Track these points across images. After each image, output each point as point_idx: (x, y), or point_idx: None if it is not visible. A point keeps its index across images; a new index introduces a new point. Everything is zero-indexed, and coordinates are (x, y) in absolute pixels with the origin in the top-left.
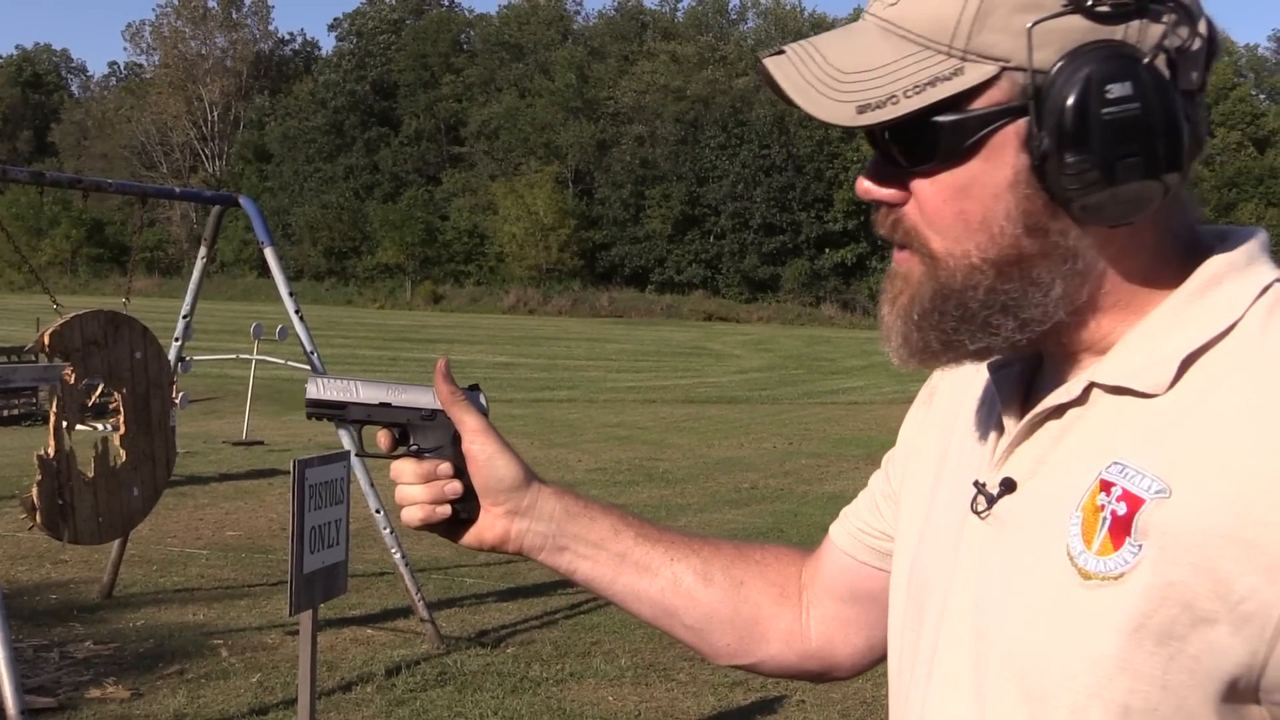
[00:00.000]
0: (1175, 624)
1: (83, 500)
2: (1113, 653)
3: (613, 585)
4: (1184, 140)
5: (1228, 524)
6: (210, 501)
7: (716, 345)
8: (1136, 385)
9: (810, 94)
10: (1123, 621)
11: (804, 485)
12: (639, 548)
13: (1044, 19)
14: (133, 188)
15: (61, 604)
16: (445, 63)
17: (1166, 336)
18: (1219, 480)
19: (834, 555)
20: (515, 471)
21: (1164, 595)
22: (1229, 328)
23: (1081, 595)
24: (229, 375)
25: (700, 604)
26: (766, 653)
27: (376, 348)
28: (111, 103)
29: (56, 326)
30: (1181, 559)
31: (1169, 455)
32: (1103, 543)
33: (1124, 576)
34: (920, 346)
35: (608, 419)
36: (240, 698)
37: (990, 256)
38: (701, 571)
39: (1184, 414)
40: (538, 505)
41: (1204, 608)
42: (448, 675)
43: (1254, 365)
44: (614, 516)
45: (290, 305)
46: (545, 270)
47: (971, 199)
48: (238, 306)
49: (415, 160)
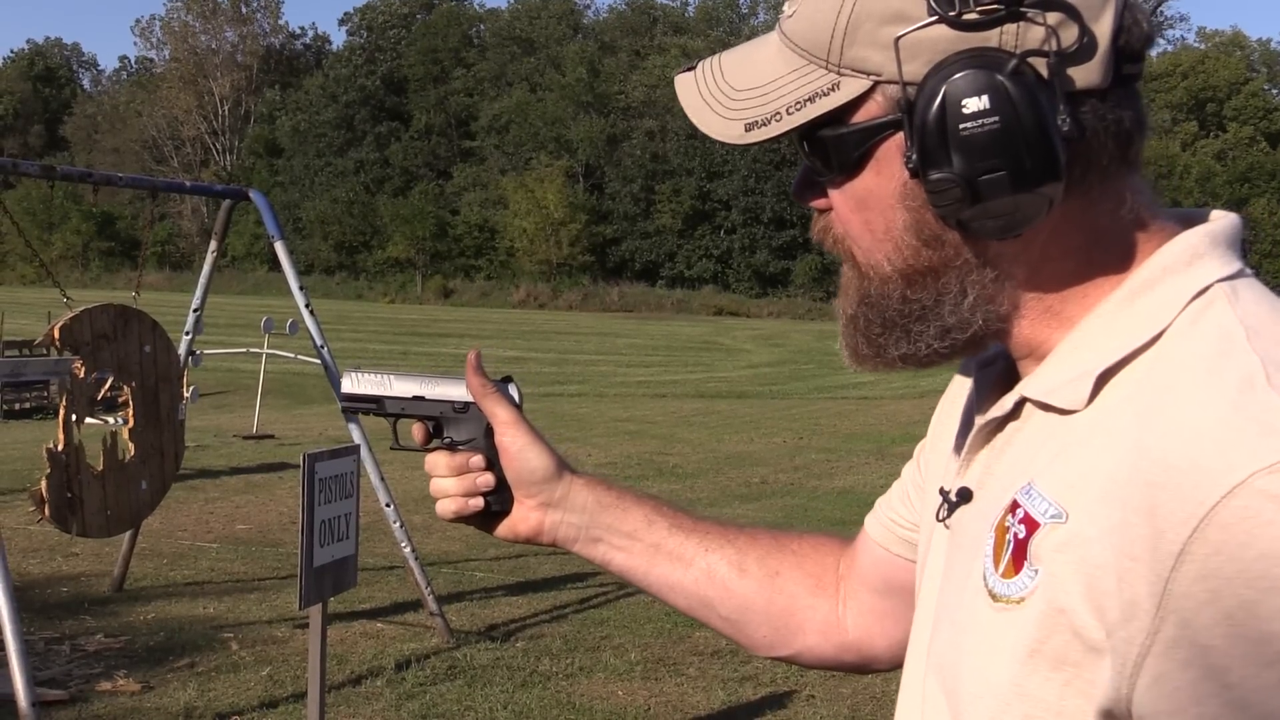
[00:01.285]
0: (1069, 650)
1: (91, 493)
2: (1007, 679)
3: (647, 576)
4: (1057, 149)
5: (1105, 556)
6: (220, 495)
7: (727, 340)
8: (1055, 401)
9: (704, 113)
10: (1019, 647)
11: (814, 480)
12: (673, 538)
13: (910, 31)
14: (143, 182)
15: (72, 597)
16: (456, 57)
17: (1090, 348)
18: (1104, 508)
19: (868, 546)
20: (547, 463)
21: (1055, 622)
22: (1154, 338)
23: (990, 617)
24: (239, 369)
25: (735, 595)
26: (804, 644)
27: (387, 342)
28: (122, 97)
29: (66, 320)
30: (1070, 586)
31: (1069, 478)
32: (1006, 565)
33: (1024, 601)
34: (853, 349)
35: (618, 413)
36: (250, 691)
37: (899, 266)
38: (736, 562)
39: (1090, 434)
40: (570, 496)
41: (1090, 637)
42: (457, 669)
43: (1153, 385)
44: (648, 507)
45: (301, 299)
46: (555, 265)
47: (871, 210)
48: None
49: (426, 155)
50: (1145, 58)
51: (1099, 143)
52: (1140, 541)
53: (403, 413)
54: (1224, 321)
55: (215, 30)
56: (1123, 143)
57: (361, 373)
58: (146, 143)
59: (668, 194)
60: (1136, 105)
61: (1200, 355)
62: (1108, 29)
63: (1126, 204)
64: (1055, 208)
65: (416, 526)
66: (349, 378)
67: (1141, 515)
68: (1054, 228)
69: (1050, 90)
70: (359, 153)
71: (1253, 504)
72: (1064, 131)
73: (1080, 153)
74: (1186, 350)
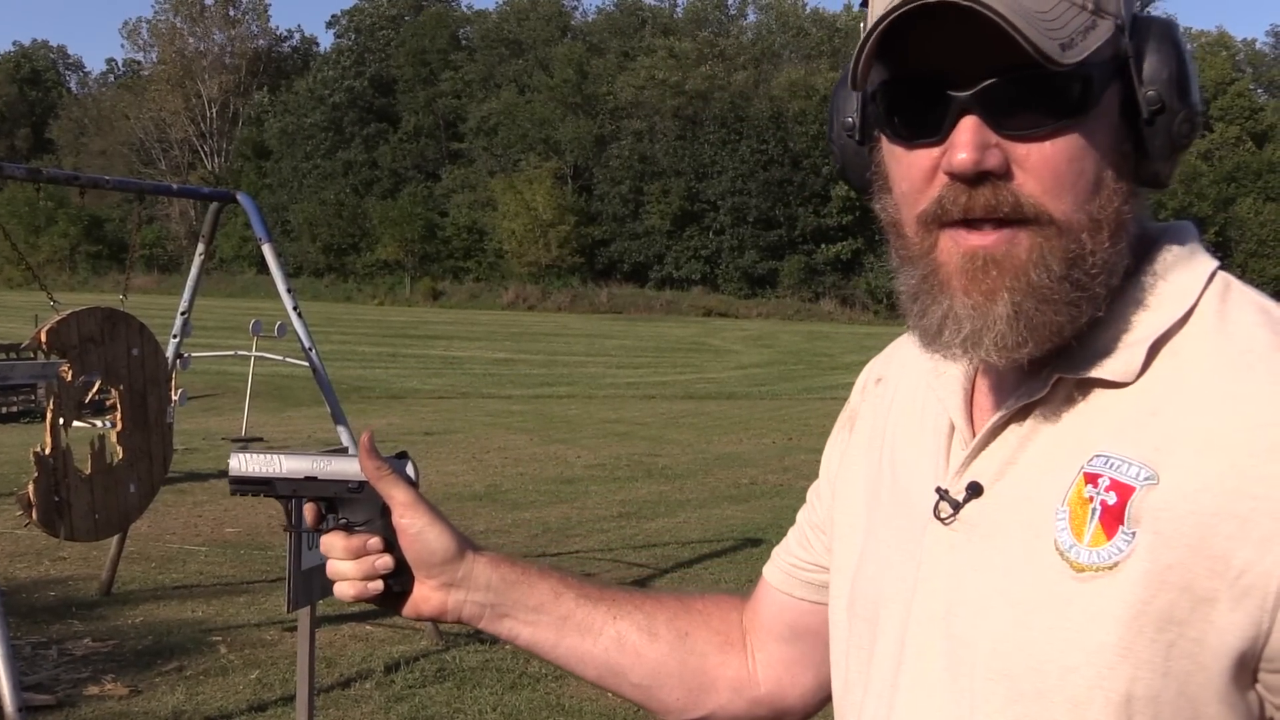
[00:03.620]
0: (1175, 608)
1: (79, 497)
2: (1112, 642)
3: (556, 649)
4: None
5: (1218, 502)
6: (209, 498)
7: (716, 341)
8: (1106, 374)
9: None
10: (1121, 610)
11: (803, 481)
12: (581, 609)
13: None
14: (130, 185)
15: (60, 601)
16: (444, 59)
17: (1129, 324)
18: (1205, 461)
19: (770, 595)
20: (447, 544)
21: (1162, 580)
22: (1186, 313)
23: (1075, 589)
24: (228, 372)
25: (646, 660)
26: (716, 703)
27: (375, 344)
28: (109, 100)
29: (54, 323)
30: (1176, 542)
31: (1152, 441)
32: (1094, 534)
33: (1119, 565)
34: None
35: (607, 415)
36: (239, 694)
37: (1103, 218)
38: (646, 627)
39: (1161, 400)
40: (473, 575)
41: (1203, 587)
42: (446, 671)
43: (1221, 350)
44: (553, 579)
45: (289, 302)
46: (544, 266)
47: (1089, 159)
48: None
49: (414, 156)
50: None
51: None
52: (1267, 480)
53: (295, 494)
54: (1252, 299)
55: (203, 33)
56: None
57: (250, 453)
58: (134, 145)
59: (656, 195)
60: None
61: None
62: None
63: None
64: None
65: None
66: (237, 459)
67: (1260, 457)
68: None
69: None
70: (347, 155)
71: None
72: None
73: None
74: (1237, 320)
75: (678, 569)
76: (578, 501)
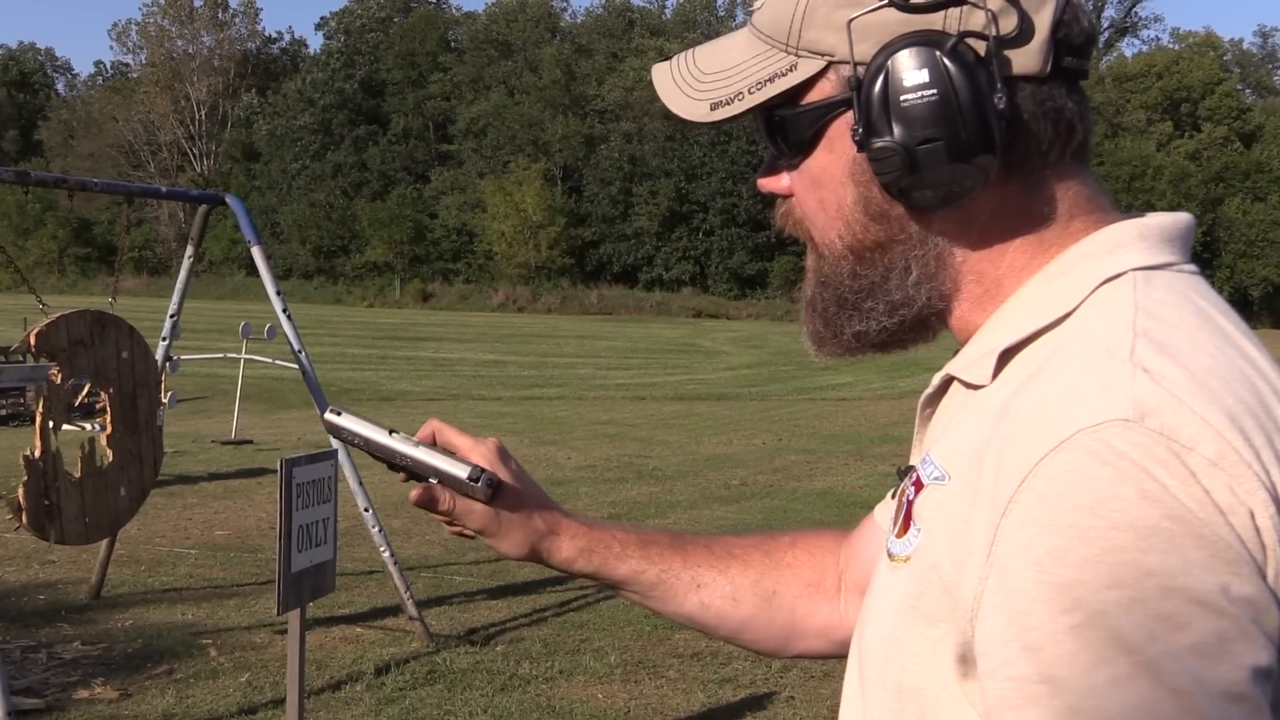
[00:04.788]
0: (939, 606)
1: (69, 500)
2: (892, 632)
3: (640, 605)
4: (991, 123)
5: (965, 508)
6: (199, 501)
7: (706, 342)
8: (967, 377)
9: (675, 94)
10: (901, 602)
11: (793, 481)
12: (665, 581)
13: (862, 14)
14: (119, 187)
15: (49, 604)
16: (433, 61)
17: (1004, 328)
18: (968, 464)
19: (873, 530)
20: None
21: (928, 578)
22: (1060, 318)
23: (887, 578)
24: (217, 374)
25: (730, 621)
26: (803, 647)
27: (365, 346)
28: (98, 102)
29: (43, 326)
30: (940, 543)
31: (954, 442)
32: (899, 526)
33: (909, 559)
34: (813, 333)
35: (597, 416)
36: (229, 697)
37: (849, 242)
38: (729, 594)
39: (983, 403)
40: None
41: (954, 591)
42: (437, 673)
43: (1051, 359)
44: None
45: (278, 304)
46: (534, 268)
47: (825, 188)
48: (226, 305)
49: (404, 158)
50: (1089, 54)
51: (1038, 127)
52: (986, 492)
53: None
54: (1120, 302)
55: (192, 35)
56: (1064, 131)
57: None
58: (123, 148)
59: (645, 196)
60: (1079, 99)
61: (1086, 330)
62: (1047, 20)
63: (1069, 194)
64: (995, 188)
65: (395, 531)
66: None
67: (991, 468)
68: (994, 210)
69: (988, 70)
70: (337, 156)
71: (1075, 459)
72: (999, 108)
73: (1020, 135)
74: (1078, 326)
75: None
76: (568, 503)
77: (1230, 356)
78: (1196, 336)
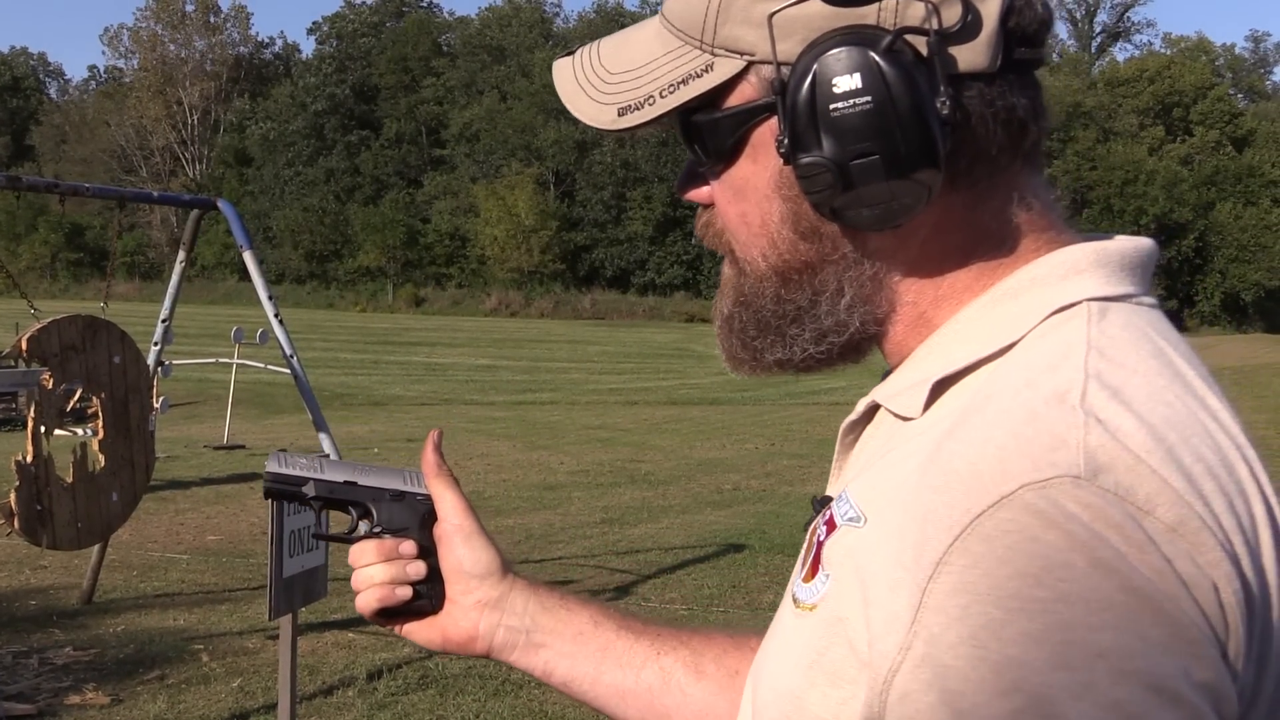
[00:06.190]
0: (845, 665)
1: (61, 505)
2: (789, 689)
3: (595, 685)
4: (934, 133)
5: (882, 562)
6: (191, 506)
7: (698, 347)
8: (895, 407)
9: (578, 97)
10: (803, 657)
11: (786, 486)
12: (622, 639)
13: (784, 7)
14: (111, 192)
15: (41, 610)
16: (425, 65)
17: (939, 355)
18: (889, 512)
19: None
20: (491, 556)
21: (834, 632)
22: (1003, 349)
23: (790, 623)
24: (210, 379)
25: (693, 700)
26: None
27: (358, 351)
28: (90, 107)
29: (34, 331)
30: (850, 594)
31: (875, 481)
32: (807, 569)
33: (815, 608)
34: (729, 352)
35: (590, 421)
36: (221, 703)
37: (774, 263)
38: (692, 664)
39: (911, 439)
40: (510, 597)
41: (861, 651)
42: (429, 679)
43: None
44: (593, 608)
45: (270, 309)
46: (527, 273)
47: (748, 201)
48: (218, 310)
49: (396, 163)
50: (1043, 42)
51: (986, 130)
52: (909, 549)
53: (331, 495)
54: (1072, 337)
55: (184, 39)
56: (1015, 133)
57: (291, 454)
58: (115, 152)
59: (638, 201)
60: (1033, 94)
61: (1031, 367)
62: (995, 8)
63: (1016, 204)
64: (937, 200)
65: None
66: (277, 458)
67: (916, 521)
68: (936, 223)
69: (929, 70)
70: (329, 161)
71: (1018, 518)
72: (943, 115)
73: (966, 141)
74: (1022, 361)
75: (660, 575)
76: (560, 508)
77: (1191, 407)
78: (1154, 382)
